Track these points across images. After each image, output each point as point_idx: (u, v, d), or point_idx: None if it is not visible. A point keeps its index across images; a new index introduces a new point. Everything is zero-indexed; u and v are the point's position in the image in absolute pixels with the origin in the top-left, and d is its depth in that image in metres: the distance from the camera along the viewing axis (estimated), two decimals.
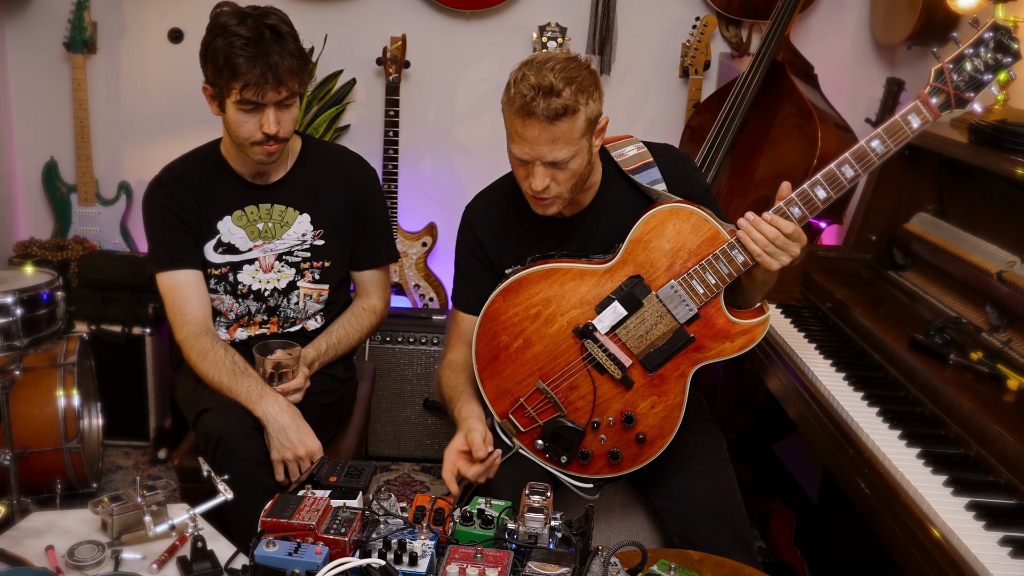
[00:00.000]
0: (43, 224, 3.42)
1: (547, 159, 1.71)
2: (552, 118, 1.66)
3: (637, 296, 1.78)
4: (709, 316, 1.77)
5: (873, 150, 1.71)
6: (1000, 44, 1.65)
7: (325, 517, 1.44)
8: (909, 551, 1.52)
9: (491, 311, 1.85)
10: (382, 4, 3.32)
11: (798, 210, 1.73)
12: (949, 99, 1.67)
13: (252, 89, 1.87)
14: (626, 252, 1.79)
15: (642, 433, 1.81)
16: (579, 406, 1.82)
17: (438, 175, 3.50)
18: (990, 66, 1.66)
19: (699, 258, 1.75)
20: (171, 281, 2.05)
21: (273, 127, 1.92)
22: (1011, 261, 1.96)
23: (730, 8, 3.24)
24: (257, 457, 1.87)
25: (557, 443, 1.82)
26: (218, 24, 1.90)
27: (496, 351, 1.84)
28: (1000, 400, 1.74)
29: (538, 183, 1.73)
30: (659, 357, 1.78)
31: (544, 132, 1.68)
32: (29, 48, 3.29)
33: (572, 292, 1.81)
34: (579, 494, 1.85)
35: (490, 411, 1.86)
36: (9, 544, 1.55)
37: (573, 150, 1.71)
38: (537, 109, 1.66)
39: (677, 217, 1.77)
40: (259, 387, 1.91)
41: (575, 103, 1.67)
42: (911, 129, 1.69)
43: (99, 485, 2.80)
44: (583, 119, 1.70)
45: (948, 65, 1.67)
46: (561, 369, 1.82)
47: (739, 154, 2.96)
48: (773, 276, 1.84)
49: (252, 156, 1.99)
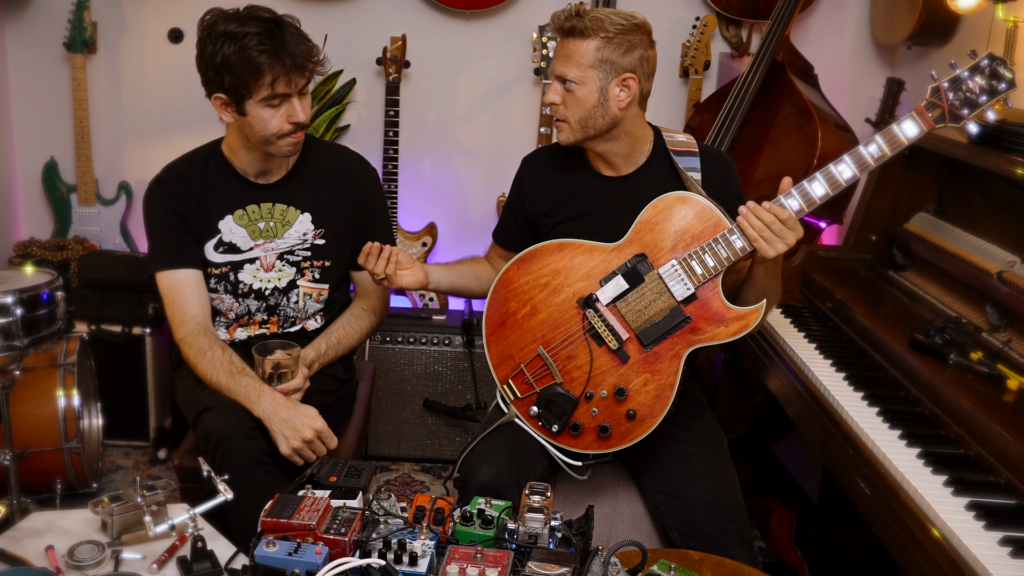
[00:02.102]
0: (43, 224, 3.42)
1: (557, 72, 1.90)
2: (568, 33, 1.88)
3: (640, 272, 1.87)
4: (706, 299, 1.85)
5: (871, 154, 1.81)
6: (995, 72, 1.77)
7: (325, 517, 1.44)
8: (909, 551, 1.52)
9: (505, 278, 1.95)
10: (382, 4, 3.33)
11: (796, 203, 1.81)
12: (944, 114, 1.80)
13: (283, 80, 1.89)
14: (634, 232, 1.89)
15: (633, 409, 1.84)
16: (575, 376, 1.87)
17: (438, 175, 3.51)
18: (985, 90, 1.78)
19: (701, 241, 1.84)
20: (171, 280, 2.05)
21: (302, 115, 1.95)
22: (1011, 261, 1.96)
23: (730, 8, 3.24)
24: (257, 457, 1.87)
25: (550, 410, 1.87)
26: (218, 32, 1.89)
27: (505, 316, 1.93)
28: (1000, 400, 1.74)
29: (550, 95, 1.91)
30: (655, 333, 1.85)
31: (562, 48, 1.90)
32: (29, 48, 3.29)
33: (581, 265, 1.90)
34: (569, 472, 1.90)
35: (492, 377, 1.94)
36: (9, 544, 1.55)
37: (580, 74, 1.86)
38: (561, 23, 1.89)
39: (684, 203, 1.87)
40: (257, 386, 1.91)
41: (587, 29, 1.85)
42: (907, 138, 1.81)
43: (99, 485, 2.80)
44: (594, 49, 1.86)
45: (944, 84, 1.79)
46: (562, 337, 1.89)
47: (739, 154, 2.96)
48: (775, 280, 1.89)
49: (278, 151, 1.99)
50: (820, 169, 1.82)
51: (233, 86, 1.90)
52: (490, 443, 1.89)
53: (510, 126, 3.46)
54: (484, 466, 1.83)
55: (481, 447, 1.88)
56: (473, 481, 1.81)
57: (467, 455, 1.88)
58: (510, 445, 1.88)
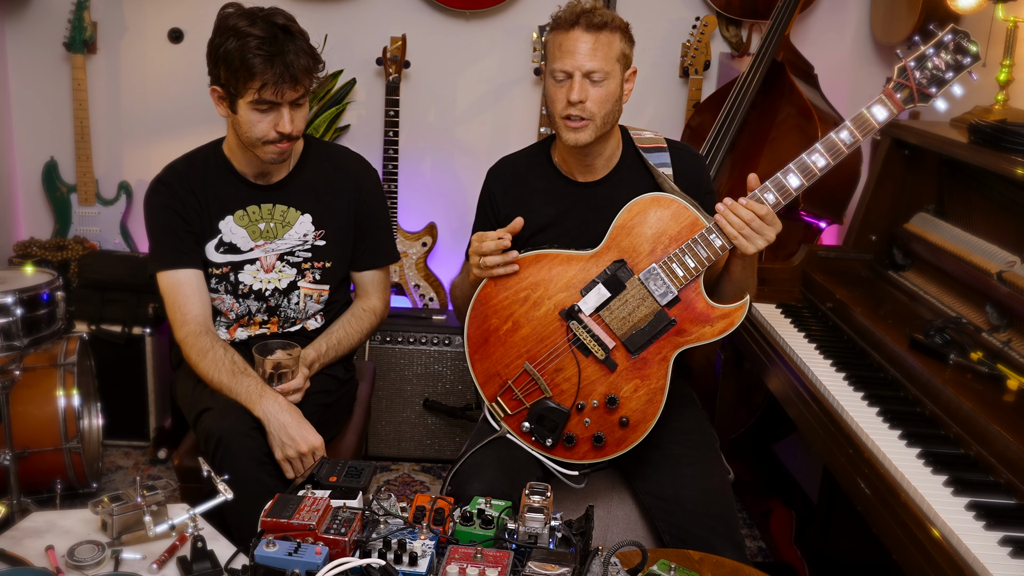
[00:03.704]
0: (43, 224, 3.42)
1: (586, 67, 1.82)
2: (596, 27, 1.82)
3: (620, 279, 1.85)
4: (689, 300, 1.83)
5: (842, 141, 1.81)
6: (959, 47, 1.77)
7: (325, 517, 1.44)
8: (909, 551, 1.52)
9: (483, 295, 1.91)
10: (382, 4, 3.33)
11: (772, 196, 1.81)
12: (912, 94, 1.79)
13: (271, 88, 1.88)
14: (610, 238, 1.87)
15: (625, 416, 1.84)
16: (564, 388, 1.86)
17: (438, 175, 3.50)
18: (951, 66, 1.78)
19: (679, 243, 1.83)
20: (172, 280, 2.05)
21: (288, 126, 1.93)
22: (1011, 261, 1.96)
23: (730, 8, 3.24)
24: (257, 457, 1.87)
25: (543, 425, 1.86)
26: (228, 26, 1.90)
27: (487, 334, 1.90)
28: (1000, 400, 1.74)
29: (576, 93, 1.82)
30: (641, 339, 1.83)
31: (586, 40, 1.82)
32: (29, 48, 3.29)
33: (559, 276, 1.88)
34: (565, 481, 1.89)
35: (480, 396, 1.91)
36: (9, 544, 1.55)
37: (609, 68, 1.83)
38: (582, 20, 1.82)
39: (659, 205, 1.86)
40: (259, 386, 1.91)
41: (614, 23, 1.84)
42: (877, 121, 1.81)
43: (99, 485, 2.80)
44: (619, 43, 1.85)
45: (910, 63, 1.79)
46: (548, 351, 1.87)
47: (739, 154, 2.96)
48: (752, 274, 1.90)
49: (263, 156, 1.99)
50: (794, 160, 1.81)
51: (228, 82, 1.91)
52: (481, 456, 1.87)
53: (510, 126, 3.46)
54: (475, 480, 1.81)
55: (472, 461, 1.87)
56: (465, 496, 1.78)
57: (458, 469, 1.87)
58: (501, 458, 1.86)
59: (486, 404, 1.92)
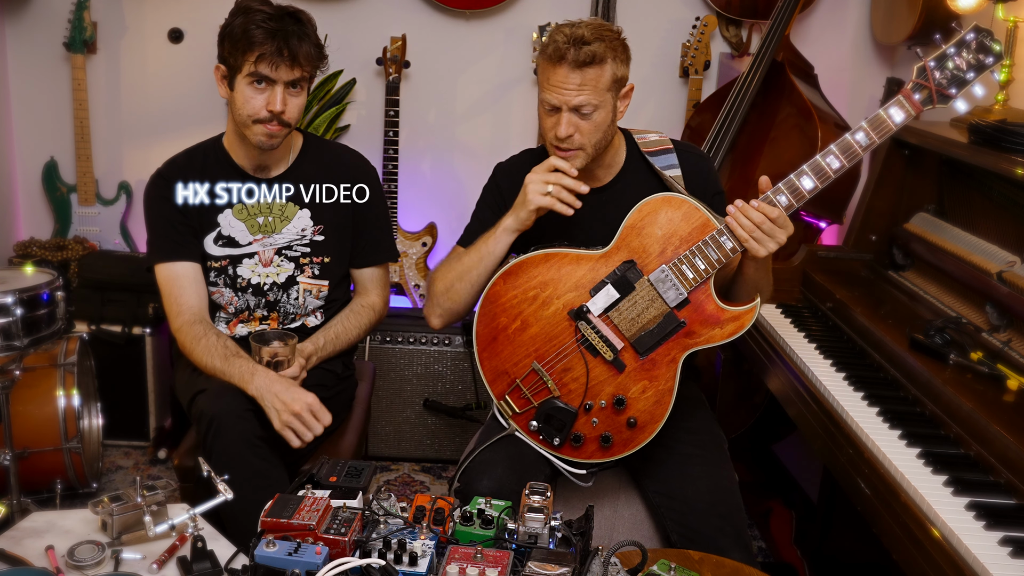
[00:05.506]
0: (43, 224, 3.41)
1: (573, 103, 1.79)
2: (581, 64, 1.77)
3: (630, 280, 1.83)
4: (699, 302, 1.82)
5: (858, 142, 1.77)
6: (982, 45, 1.71)
7: (325, 517, 1.44)
8: (909, 551, 1.52)
9: (491, 293, 1.90)
10: (382, 4, 3.32)
11: (785, 198, 1.78)
12: (931, 95, 1.74)
13: (267, 61, 1.90)
14: (620, 238, 1.85)
15: (633, 417, 1.83)
16: (572, 388, 1.85)
17: (438, 175, 3.50)
18: (972, 66, 1.72)
19: (689, 244, 1.81)
20: (169, 272, 2.06)
21: (280, 105, 1.94)
22: (1011, 261, 1.96)
23: (730, 8, 3.24)
24: (249, 439, 1.87)
25: (550, 424, 1.85)
26: (241, 6, 1.95)
27: (495, 332, 1.89)
28: (1000, 400, 1.74)
29: (563, 129, 1.81)
30: (650, 340, 1.82)
31: (572, 77, 1.78)
32: (29, 48, 3.29)
33: (569, 276, 1.86)
34: (572, 480, 1.88)
35: (489, 393, 1.91)
36: (9, 544, 1.55)
37: (598, 100, 1.80)
38: (568, 55, 1.77)
39: (669, 205, 1.84)
40: (251, 366, 1.92)
41: (603, 54, 1.78)
42: (894, 123, 1.76)
43: (99, 485, 2.80)
44: (609, 72, 1.80)
45: (930, 63, 1.73)
46: (556, 350, 1.86)
47: (739, 154, 2.96)
48: (766, 274, 1.88)
49: (252, 137, 2.00)
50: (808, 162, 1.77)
51: (229, 56, 1.95)
52: (490, 453, 1.87)
53: (510, 126, 3.46)
54: (484, 477, 1.81)
55: (481, 458, 1.87)
56: (473, 493, 1.78)
57: (467, 466, 1.87)
58: (510, 455, 1.86)
59: (495, 402, 1.92)
